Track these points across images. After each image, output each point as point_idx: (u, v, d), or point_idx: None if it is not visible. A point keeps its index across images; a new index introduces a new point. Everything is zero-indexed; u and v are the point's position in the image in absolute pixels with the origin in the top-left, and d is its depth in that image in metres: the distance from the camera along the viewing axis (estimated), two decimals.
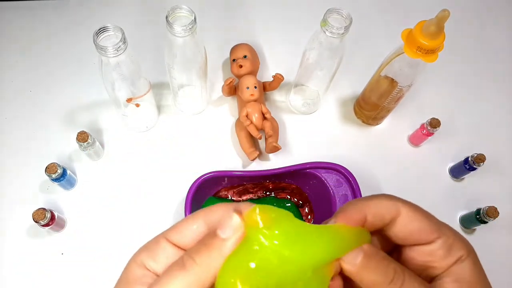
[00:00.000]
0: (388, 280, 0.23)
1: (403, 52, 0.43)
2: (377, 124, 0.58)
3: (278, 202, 0.50)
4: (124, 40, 0.40)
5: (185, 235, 0.23)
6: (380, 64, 0.50)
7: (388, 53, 0.48)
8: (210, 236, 0.22)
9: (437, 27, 0.39)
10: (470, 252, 0.24)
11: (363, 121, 0.58)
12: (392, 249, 0.27)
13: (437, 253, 0.25)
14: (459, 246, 0.24)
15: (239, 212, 0.21)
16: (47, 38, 0.63)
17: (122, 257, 0.23)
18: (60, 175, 0.46)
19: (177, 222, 0.24)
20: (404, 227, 0.25)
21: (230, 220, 0.21)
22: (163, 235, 0.23)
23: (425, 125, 0.53)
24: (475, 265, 0.24)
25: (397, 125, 0.59)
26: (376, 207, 0.25)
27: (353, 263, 0.23)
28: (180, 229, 0.23)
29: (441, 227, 0.25)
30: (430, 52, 0.41)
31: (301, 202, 0.51)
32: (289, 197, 0.51)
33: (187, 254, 0.22)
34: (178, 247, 0.23)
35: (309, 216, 0.51)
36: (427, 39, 0.40)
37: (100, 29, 0.39)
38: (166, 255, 0.23)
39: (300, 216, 0.50)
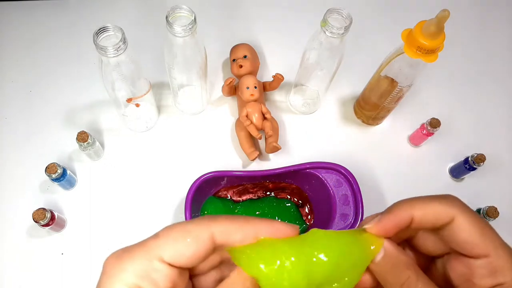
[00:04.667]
0: (399, 284, 0.24)
1: (403, 52, 0.43)
2: (377, 124, 0.58)
3: (278, 202, 0.50)
4: (124, 40, 0.40)
5: (182, 252, 0.22)
6: (380, 64, 0.50)
7: (388, 53, 0.48)
8: None
9: (437, 27, 0.39)
10: None
11: (363, 121, 0.58)
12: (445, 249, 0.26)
13: (478, 270, 0.24)
14: (509, 273, 0.23)
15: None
16: (47, 38, 0.63)
17: None
18: (60, 175, 0.46)
19: (167, 234, 0.22)
20: (453, 234, 0.24)
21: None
22: (155, 255, 0.22)
23: (425, 125, 0.53)
24: None
25: (397, 125, 0.59)
26: (424, 210, 0.25)
27: (375, 262, 0.24)
28: (176, 246, 0.22)
29: (497, 245, 0.24)
30: (430, 52, 0.41)
31: (301, 202, 0.51)
32: (289, 197, 0.51)
33: None
34: (173, 266, 0.22)
35: (309, 216, 0.51)
36: (427, 39, 0.40)
37: (100, 29, 0.39)
38: (165, 276, 0.22)
39: (300, 216, 0.50)
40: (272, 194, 0.52)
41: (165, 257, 0.22)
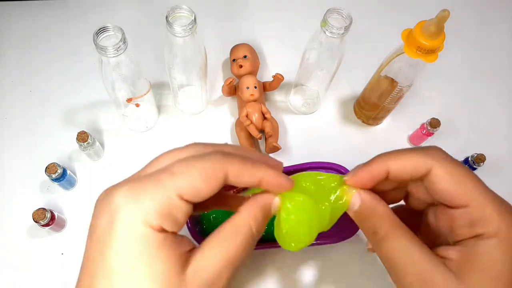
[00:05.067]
0: (371, 232, 0.26)
1: (403, 52, 0.43)
2: (377, 124, 0.58)
3: None
4: (124, 40, 0.40)
5: (199, 190, 0.22)
6: (380, 64, 0.50)
7: (388, 53, 0.48)
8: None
9: (437, 27, 0.39)
10: (502, 234, 0.22)
11: (363, 121, 0.58)
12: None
13: (458, 220, 0.24)
14: (489, 223, 0.23)
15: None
16: (47, 38, 0.63)
17: None
18: (60, 175, 0.46)
19: (185, 171, 0.22)
20: (432, 185, 0.25)
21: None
22: (175, 192, 0.22)
23: (425, 125, 0.53)
24: (498, 250, 0.22)
25: (397, 125, 0.59)
26: (399, 162, 0.25)
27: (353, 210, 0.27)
28: (195, 186, 0.22)
29: (477, 195, 0.23)
30: (430, 52, 0.41)
31: None
32: None
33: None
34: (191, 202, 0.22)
35: None
36: (427, 39, 0.40)
37: (100, 29, 0.39)
38: (184, 212, 0.22)
39: None
40: None
41: (184, 194, 0.22)
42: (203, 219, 0.46)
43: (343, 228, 0.45)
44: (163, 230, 0.21)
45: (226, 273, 0.22)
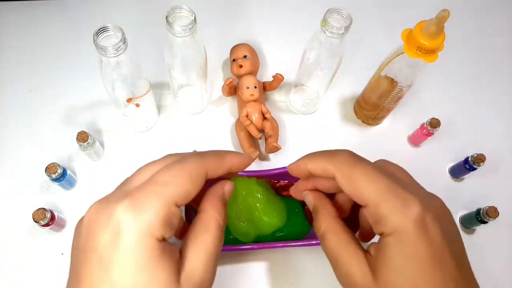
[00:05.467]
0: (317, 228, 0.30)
1: (403, 52, 0.43)
2: (377, 124, 0.58)
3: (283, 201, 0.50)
4: (124, 40, 0.40)
5: (189, 194, 0.24)
6: (380, 64, 0.50)
7: (388, 53, 0.48)
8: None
9: (437, 27, 0.39)
10: (398, 232, 0.24)
11: (363, 121, 0.58)
12: None
13: (369, 219, 0.26)
14: (386, 221, 0.24)
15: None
16: (47, 38, 0.63)
17: None
18: (60, 175, 0.46)
19: (175, 179, 0.24)
20: (340, 187, 0.27)
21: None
22: (172, 200, 0.23)
23: (425, 125, 0.53)
24: (395, 248, 0.24)
25: (397, 125, 0.59)
26: (313, 164, 0.29)
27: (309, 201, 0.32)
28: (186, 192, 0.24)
29: (378, 194, 0.25)
30: (430, 52, 0.41)
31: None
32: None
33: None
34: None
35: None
36: (427, 39, 0.40)
37: (100, 29, 0.39)
38: (178, 217, 0.24)
39: (305, 216, 0.49)
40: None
41: (178, 201, 0.24)
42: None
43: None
44: (163, 239, 0.23)
45: (211, 266, 0.25)
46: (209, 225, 0.26)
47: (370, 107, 0.55)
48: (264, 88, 0.56)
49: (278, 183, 0.51)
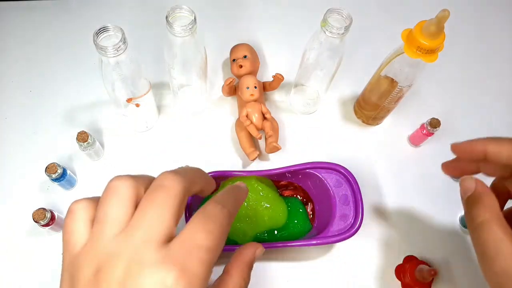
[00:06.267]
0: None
1: (403, 52, 0.43)
2: (377, 124, 0.58)
3: (285, 201, 0.50)
4: (124, 40, 0.40)
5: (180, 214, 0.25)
6: (380, 64, 0.50)
7: (388, 53, 0.48)
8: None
9: (437, 27, 0.39)
10: None
11: (363, 121, 0.58)
12: None
13: None
14: None
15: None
16: (47, 38, 0.63)
17: None
18: (60, 175, 0.46)
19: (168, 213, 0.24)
20: None
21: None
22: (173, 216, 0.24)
23: (425, 125, 0.53)
24: None
25: (397, 125, 0.59)
26: (497, 146, 0.29)
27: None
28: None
29: None
30: (430, 52, 0.41)
31: (304, 200, 0.51)
32: (299, 197, 0.50)
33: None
34: None
35: (311, 215, 0.50)
36: (427, 39, 0.40)
37: (100, 29, 0.39)
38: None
39: (306, 215, 0.49)
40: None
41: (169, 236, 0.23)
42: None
43: (342, 227, 0.45)
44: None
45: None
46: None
47: (370, 107, 0.55)
48: (264, 88, 0.56)
49: (279, 183, 0.51)
